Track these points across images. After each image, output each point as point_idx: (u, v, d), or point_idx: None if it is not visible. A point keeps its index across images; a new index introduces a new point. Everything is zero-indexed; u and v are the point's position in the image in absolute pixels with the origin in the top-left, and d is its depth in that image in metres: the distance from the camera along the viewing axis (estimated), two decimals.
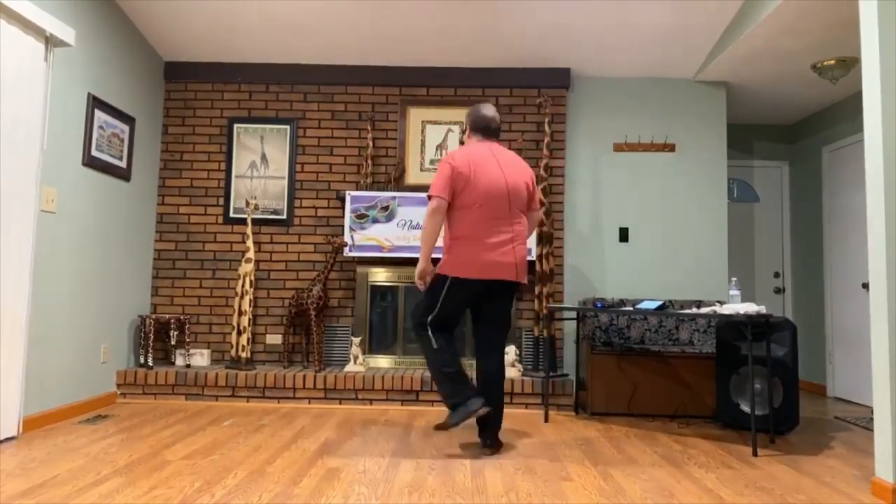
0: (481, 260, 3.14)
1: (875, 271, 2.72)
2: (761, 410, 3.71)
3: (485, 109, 3.34)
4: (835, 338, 5.25)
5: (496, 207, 3.17)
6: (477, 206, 3.15)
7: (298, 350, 4.85)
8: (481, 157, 3.21)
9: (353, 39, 4.63)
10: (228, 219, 4.92)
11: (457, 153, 3.22)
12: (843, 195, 5.22)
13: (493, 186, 3.16)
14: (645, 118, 5.01)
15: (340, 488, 2.58)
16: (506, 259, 3.17)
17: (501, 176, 3.20)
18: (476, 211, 3.15)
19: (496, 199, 3.17)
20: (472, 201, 3.15)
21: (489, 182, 3.16)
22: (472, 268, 3.14)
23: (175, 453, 3.04)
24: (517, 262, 3.21)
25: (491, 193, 3.16)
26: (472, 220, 3.15)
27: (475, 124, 3.34)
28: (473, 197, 3.15)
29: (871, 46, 2.75)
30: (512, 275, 3.19)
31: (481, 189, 3.15)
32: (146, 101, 4.72)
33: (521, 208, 3.26)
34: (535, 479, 2.78)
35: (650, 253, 4.92)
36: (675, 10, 4.17)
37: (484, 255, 3.14)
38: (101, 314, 4.18)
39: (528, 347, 4.74)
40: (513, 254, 3.19)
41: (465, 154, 3.21)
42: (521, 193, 3.24)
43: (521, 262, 3.23)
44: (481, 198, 3.15)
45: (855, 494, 2.67)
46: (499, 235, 3.16)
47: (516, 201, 3.22)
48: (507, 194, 3.19)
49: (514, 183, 3.22)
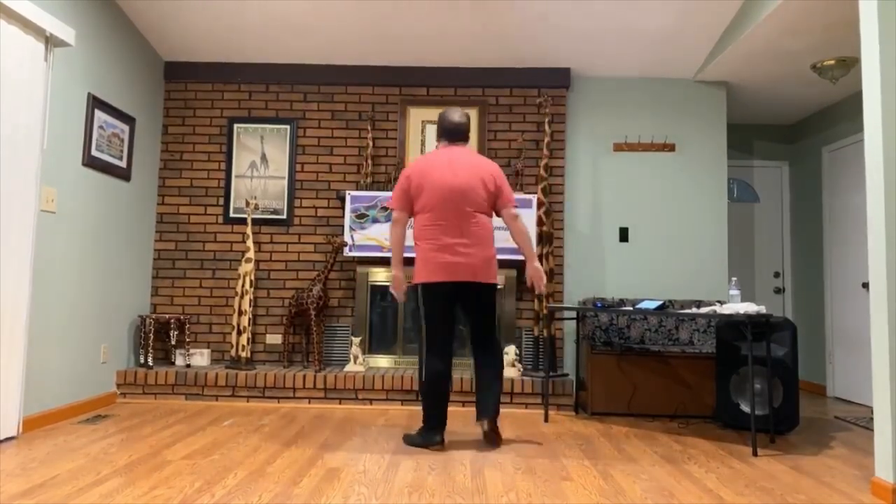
0: (442, 262, 3.19)
1: (875, 271, 2.72)
2: (761, 410, 3.71)
3: (451, 114, 3.39)
4: (835, 338, 5.25)
5: (448, 210, 3.22)
6: (429, 210, 3.24)
7: (298, 350, 4.85)
8: (435, 162, 3.29)
9: (353, 39, 4.63)
10: (228, 219, 4.92)
11: (414, 162, 3.34)
12: (843, 195, 5.22)
13: (442, 189, 3.22)
14: (645, 118, 5.01)
15: (340, 488, 2.58)
16: (466, 260, 3.20)
17: (452, 178, 3.24)
18: (430, 215, 3.24)
19: (446, 201, 3.22)
20: (425, 206, 3.24)
21: (438, 185, 3.23)
22: (436, 271, 3.20)
23: (175, 453, 3.04)
24: (478, 264, 3.23)
25: (441, 198, 3.22)
26: (428, 225, 3.24)
27: (441, 129, 3.42)
28: (425, 202, 3.24)
29: (871, 46, 2.75)
30: (473, 276, 3.22)
31: (432, 193, 3.23)
32: (146, 101, 4.72)
33: (478, 208, 3.26)
34: (535, 479, 2.78)
35: (650, 253, 4.92)
36: (675, 10, 4.17)
37: (443, 257, 3.20)
38: (101, 314, 4.18)
39: (528, 347, 4.74)
40: (472, 255, 3.22)
41: (420, 162, 3.31)
42: (475, 193, 3.25)
43: (483, 264, 3.24)
44: (432, 202, 3.23)
45: (855, 494, 2.67)
46: (454, 238, 3.21)
47: (469, 202, 3.24)
48: (457, 195, 3.22)
49: (464, 184, 3.24)
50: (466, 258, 3.20)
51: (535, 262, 3.37)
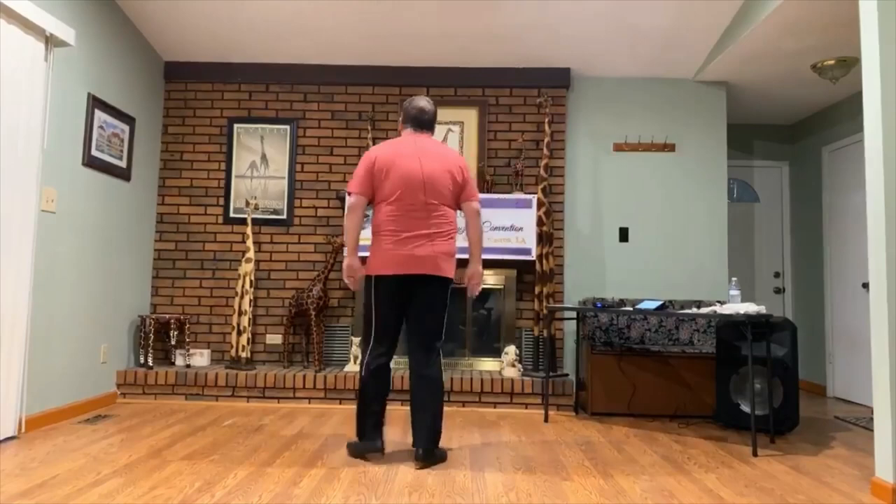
0: (396, 255, 3.02)
1: (875, 271, 2.72)
2: (761, 410, 3.71)
3: (418, 101, 3.22)
4: (835, 338, 5.25)
5: (411, 200, 3.05)
6: (392, 200, 3.06)
7: (298, 350, 4.85)
8: (401, 149, 3.11)
9: (353, 39, 4.63)
10: (228, 219, 4.92)
11: (377, 147, 3.15)
12: (843, 195, 5.22)
13: (407, 178, 3.05)
14: (645, 118, 5.01)
15: (340, 488, 2.58)
16: (420, 252, 3.03)
17: (417, 167, 3.07)
18: (392, 204, 3.06)
19: (410, 191, 3.05)
20: (387, 194, 3.06)
21: (403, 174, 3.05)
22: (388, 264, 3.04)
23: (175, 453, 3.04)
24: (433, 255, 3.04)
25: (405, 186, 3.05)
26: (388, 214, 3.06)
27: (407, 115, 3.23)
28: (389, 190, 3.06)
29: (871, 46, 2.75)
30: (427, 268, 3.03)
31: (396, 182, 3.05)
32: (146, 101, 4.72)
33: (443, 200, 3.10)
34: (535, 479, 2.78)
35: (650, 253, 4.92)
36: (675, 10, 4.17)
37: (399, 250, 3.02)
38: (101, 314, 4.18)
39: (528, 347, 4.74)
40: (429, 247, 3.04)
41: (385, 147, 3.13)
42: (441, 185, 3.09)
43: (439, 255, 3.06)
44: (397, 191, 3.05)
45: (855, 494, 2.67)
46: (414, 229, 3.04)
47: (434, 193, 3.07)
48: (423, 186, 3.05)
49: (430, 174, 3.07)
50: (424, 250, 3.03)
51: (479, 264, 3.20)
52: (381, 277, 3.06)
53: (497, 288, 4.82)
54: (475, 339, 4.84)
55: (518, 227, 4.61)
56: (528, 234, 4.59)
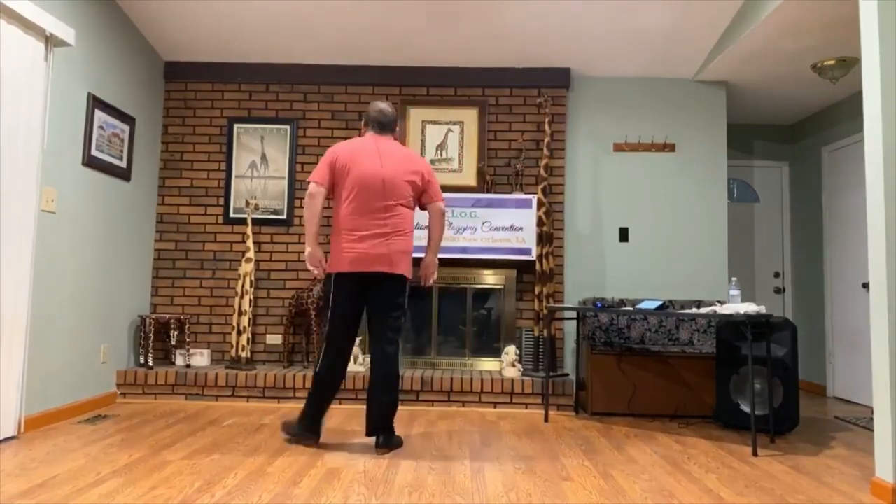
0: (353, 252, 3.12)
1: (875, 271, 2.72)
2: (761, 410, 3.71)
3: (378, 104, 3.35)
4: (835, 338, 5.25)
5: (369, 199, 3.14)
6: (351, 198, 3.15)
7: (298, 350, 4.85)
8: (363, 149, 3.21)
9: (353, 39, 4.63)
10: (228, 219, 4.92)
11: (340, 144, 3.25)
12: (843, 195, 5.22)
13: (367, 178, 3.14)
14: (645, 118, 5.01)
15: (340, 488, 2.58)
16: (376, 251, 3.12)
17: (378, 168, 3.17)
18: (350, 203, 3.15)
19: (369, 190, 3.14)
20: (347, 195, 3.16)
21: (364, 173, 3.15)
22: (345, 262, 3.13)
23: (175, 453, 3.04)
24: (388, 253, 3.13)
25: (365, 185, 3.14)
26: (347, 212, 3.15)
27: (368, 117, 3.34)
28: (349, 189, 3.16)
29: (871, 46, 2.75)
30: (383, 266, 3.12)
31: (356, 180, 3.15)
32: (146, 101, 4.72)
33: (402, 201, 3.19)
34: (535, 479, 2.78)
35: (650, 253, 4.92)
36: (675, 10, 4.17)
37: (355, 248, 3.12)
38: (101, 314, 4.18)
39: (528, 347, 4.74)
40: (385, 245, 3.13)
41: (347, 145, 3.23)
42: (402, 186, 3.18)
43: (394, 253, 3.14)
44: (355, 189, 3.14)
45: (855, 494, 2.67)
46: (372, 228, 3.13)
47: (393, 194, 3.16)
48: (382, 186, 3.15)
49: (391, 175, 3.17)
50: (380, 249, 3.12)
51: (435, 256, 3.35)
52: (339, 275, 3.17)
53: (497, 288, 4.82)
54: (475, 339, 4.84)
55: (518, 227, 4.61)
56: (528, 234, 4.60)
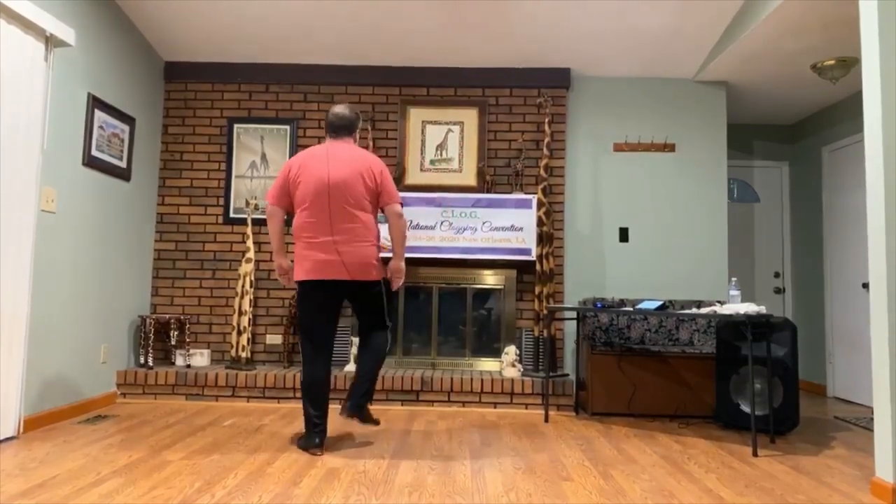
0: (312, 260, 3.12)
1: (875, 271, 2.72)
2: (761, 410, 3.71)
3: (334, 108, 3.32)
4: (835, 338, 5.25)
5: (319, 205, 3.13)
6: (305, 206, 3.15)
7: (298, 350, 4.84)
8: (314, 155, 3.21)
9: (353, 39, 4.63)
10: (228, 219, 4.92)
11: (297, 155, 3.26)
12: (843, 195, 5.22)
13: (314, 185, 3.13)
14: (645, 118, 5.01)
15: (340, 488, 2.58)
16: (340, 258, 3.11)
17: (325, 173, 3.14)
18: (305, 211, 3.15)
19: (321, 196, 3.13)
20: (300, 201, 3.17)
21: (311, 181, 3.14)
22: (303, 270, 3.14)
23: (175, 453, 3.04)
24: (354, 262, 3.12)
25: (315, 192, 3.13)
26: (302, 221, 3.16)
27: (326, 123, 3.33)
28: (302, 196, 3.16)
29: (871, 46, 2.75)
30: (344, 274, 3.12)
31: (306, 189, 3.15)
32: (146, 101, 4.72)
33: (356, 205, 3.15)
34: (535, 479, 2.78)
35: (650, 253, 4.92)
36: (675, 10, 4.17)
37: (314, 255, 3.12)
38: (101, 314, 4.18)
39: (528, 347, 4.74)
40: (347, 254, 3.12)
41: (301, 155, 3.24)
42: (352, 189, 3.15)
43: (359, 262, 3.14)
44: (307, 197, 3.14)
45: (855, 494, 2.67)
46: (329, 235, 3.12)
47: (347, 198, 3.14)
48: (328, 191, 3.12)
49: (341, 179, 3.14)
50: (340, 256, 3.11)
51: (401, 262, 3.31)
52: (302, 284, 3.18)
53: (497, 288, 4.82)
54: (475, 339, 4.84)
55: (518, 228, 4.61)
56: (528, 235, 4.60)
